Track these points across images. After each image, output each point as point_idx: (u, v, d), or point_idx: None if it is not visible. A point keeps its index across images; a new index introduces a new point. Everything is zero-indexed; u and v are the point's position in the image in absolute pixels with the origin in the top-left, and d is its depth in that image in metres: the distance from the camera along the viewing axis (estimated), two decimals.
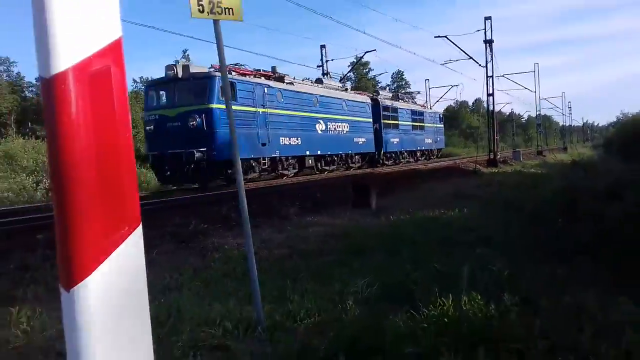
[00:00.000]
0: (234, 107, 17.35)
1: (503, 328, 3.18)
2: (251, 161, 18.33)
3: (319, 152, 22.68)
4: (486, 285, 4.21)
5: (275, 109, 19.54)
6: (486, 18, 29.62)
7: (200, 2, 3.85)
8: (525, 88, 48.99)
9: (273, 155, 19.35)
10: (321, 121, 22.87)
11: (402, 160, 32.48)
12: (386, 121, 29.83)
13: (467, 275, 4.28)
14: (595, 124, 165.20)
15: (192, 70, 17.06)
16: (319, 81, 25.22)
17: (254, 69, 20.35)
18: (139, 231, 1.19)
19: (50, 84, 1.09)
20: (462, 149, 59.88)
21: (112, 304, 1.12)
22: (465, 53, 30.04)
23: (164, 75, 17.57)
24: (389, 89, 66.14)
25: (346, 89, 28.07)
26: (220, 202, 11.98)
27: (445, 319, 3.33)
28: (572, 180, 13.61)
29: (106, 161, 1.13)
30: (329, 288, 4.70)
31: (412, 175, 20.85)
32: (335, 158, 24.54)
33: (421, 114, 37.01)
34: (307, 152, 21.67)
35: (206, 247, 7.71)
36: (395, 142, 30.99)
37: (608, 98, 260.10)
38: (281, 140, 19.74)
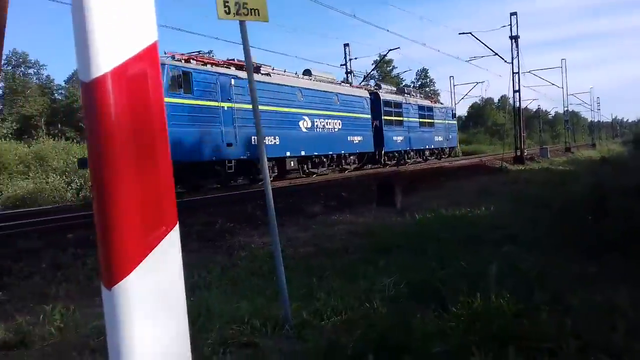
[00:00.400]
0: (188, 102, 15.02)
1: (533, 327, 3.14)
2: (213, 164, 15.99)
3: (303, 153, 19.86)
4: (515, 283, 4.17)
5: (246, 103, 16.66)
6: (512, 14, 29.27)
7: (226, 4, 3.89)
8: (552, 84, 48.16)
9: (242, 157, 16.73)
10: (306, 117, 20.02)
11: (409, 160, 29.84)
12: (388, 117, 27.04)
13: (495, 273, 4.24)
14: (625, 119, 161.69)
15: None
16: (307, 73, 22.36)
17: (227, 59, 17.94)
18: (176, 231, 1.23)
19: (90, 88, 1.13)
20: (487, 146, 59.19)
21: (151, 301, 1.16)
22: (491, 49, 29.76)
23: None
24: (413, 87, 65.75)
25: (340, 82, 25.07)
26: (245, 201, 12.09)
27: (474, 318, 3.31)
28: (601, 177, 13.35)
29: (144, 163, 1.16)
30: (355, 286, 4.71)
31: (437, 173, 20.70)
32: (325, 159, 21.79)
33: (430, 109, 33.70)
34: (288, 153, 18.85)
35: (233, 246, 7.80)
36: (399, 141, 28.20)
37: (638, 93, 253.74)
38: (253, 140, 16.87)
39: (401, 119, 28.70)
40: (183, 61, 15.51)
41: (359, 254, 6.35)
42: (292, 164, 19.38)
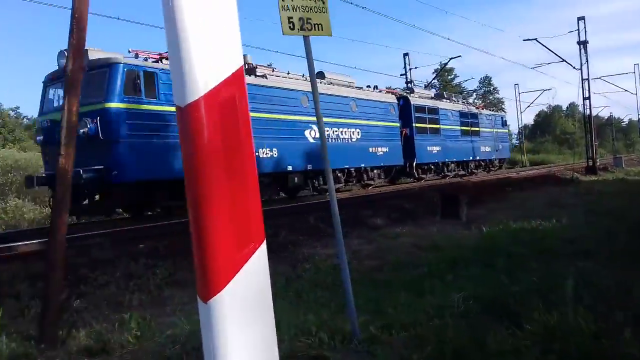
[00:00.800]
0: (151, 108, 12.23)
1: (615, 348, 2.99)
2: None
3: (309, 167, 16.82)
4: (592, 300, 3.99)
5: None
6: (579, 18, 28.15)
7: (290, 20, 3.97)
8: (625, 90, 45.84)
9: None
10: (314, 126, 16.96)
11: (449, 173, 26.12)
12: (421, 125, 23.51)
13: (572, 289, 4.08)
14: None
15: (94, 56, 12.01)
16: (319, 75, 18.71)
17: None
18: (263, 247, 1.28)
19: (185, 112, 1.21)
20: (556, 156, 56.89)
21: (243, 314, 1.21)
22: (558, 55, 28.72)
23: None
24: (476, 95, 64.37)
25: (364, 87, 21.39)
26: (308, 212, 12.18)
27: (551, 337, 3.19)
28: None
29: (235, 183, 1.22)
30: (423, 301, 4.64)
31: (503, 184, 20.09)
32: (340, 174, 18.59)
33: (474, 116, 29.62)
34: (290, 168, 16.04)
35: (296, 258, 7.87)
36: (434, 151, 24.53)
37: None
38: None
39: (437, 126, 25.01)
40: (149, 60, 13.07)
41: (424, 268, 6.26)
42: (297, 180, 16.54)
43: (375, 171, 20.57)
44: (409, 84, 33.13)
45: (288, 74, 17.64)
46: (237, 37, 1.30)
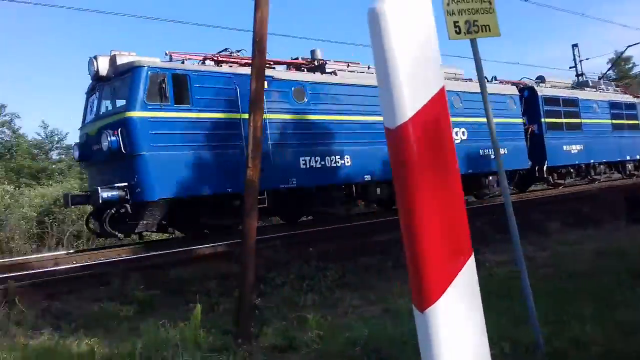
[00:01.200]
0: (182, 115, 10.64)
1: None
2: (231, 198, 11.34)
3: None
4: None
5: (287, 113, 12.18)
6: None
7: (456, 24, 3.93)
8: None
9: (282, 185, 11.96)
10: None
11: (597, 176, 21.64)
12: (553, 119, 19.47)
13: None
14: None
15: (123, 60, 10.84)
16: None
17: (291, 58, 13.80)
18: (472, 260, 1.33)
19: (395, 134, 1.31)
20: None
21: (457, 324, 1.27)
22: None
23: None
24: None
25: (470, 79, 17.33)
26: (472, 217, 11.81)
27: None
28: None
29: (443, 198, 1.29)
30: (613, 314, 4.27)
31: None
32: None
33: (631, 106, 24.06)
34: (367, 177, 13.40)
35: None
36: (574, 151, 20.17)
37: None
38: (301, 162, 12.28)
39: (578, 120, 20.64)
40: (187, 62, 11.56)
41: (611, 277, 5.72)
42: (378, 192, 13.99)
43: (490, 177, 17.08)
44: (579, 77, 30.40)
45: (369, 68, 14.76)
46: (437, 60, 1.37)
